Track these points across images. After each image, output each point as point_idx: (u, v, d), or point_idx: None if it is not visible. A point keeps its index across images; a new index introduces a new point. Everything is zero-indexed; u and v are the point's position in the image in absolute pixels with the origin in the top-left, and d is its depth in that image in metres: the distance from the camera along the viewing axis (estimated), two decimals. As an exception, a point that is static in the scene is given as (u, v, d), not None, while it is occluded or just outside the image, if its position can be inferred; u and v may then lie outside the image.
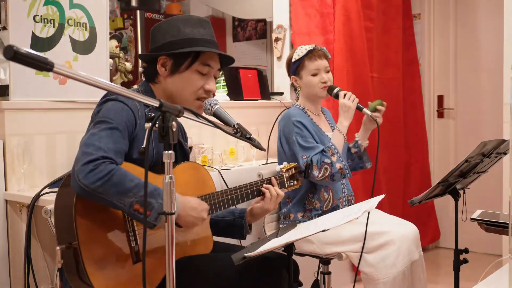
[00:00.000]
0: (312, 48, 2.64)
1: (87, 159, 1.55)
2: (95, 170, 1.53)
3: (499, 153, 2.32)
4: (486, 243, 3.91)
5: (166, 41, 1.86)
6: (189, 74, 1.86)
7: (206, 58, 1.88)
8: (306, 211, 2.59)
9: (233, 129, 1.82)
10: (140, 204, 1.55)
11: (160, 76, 1.89)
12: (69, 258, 1.60)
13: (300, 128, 2.54)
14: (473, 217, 2.17)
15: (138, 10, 5.03)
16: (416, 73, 4.59)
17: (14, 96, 2.42)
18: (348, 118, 2.55)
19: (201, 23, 1.90)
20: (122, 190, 1.54)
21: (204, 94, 1.89)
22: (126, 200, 1.55)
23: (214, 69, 1.91)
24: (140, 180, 1.58)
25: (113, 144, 1.63)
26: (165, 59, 1.86)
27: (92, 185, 1.52)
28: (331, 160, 2.46)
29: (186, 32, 1.86)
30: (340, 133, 2.54)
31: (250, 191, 1.99)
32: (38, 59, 1.09)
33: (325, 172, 2.46)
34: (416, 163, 4.50)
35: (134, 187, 1.56)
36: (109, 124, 1.67)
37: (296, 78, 2.68)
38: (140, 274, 1.65)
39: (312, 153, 2.49)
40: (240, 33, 5.46)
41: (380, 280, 2.34)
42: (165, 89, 1.89)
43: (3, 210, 2.40)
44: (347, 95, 2.56)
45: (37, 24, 2.50)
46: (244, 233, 2.07)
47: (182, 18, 1.92)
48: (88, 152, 1.57)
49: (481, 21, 4.46)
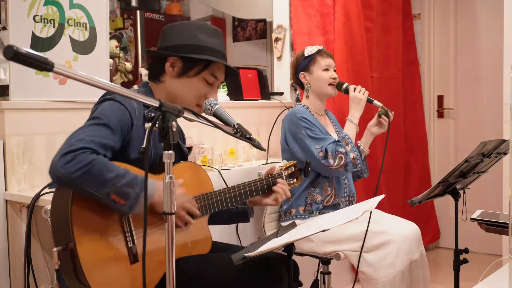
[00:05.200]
0: (322, 47, 2.76)
1: (66, 150, 1.54)
2: (74, 160, 1.52)
3: (499, 153, 2.32)
4: (486, 243, 3.91)
5: (180, 43, 1.86)
6: (196, 80, 1.87)
7: (215, 69, 1.89)
8: (307, 205, 2.62)
9: (233, 129, 1.81)
10: (117, 193, 1.55)
11: (166, 75, 1.88)
12: (66, 259, 1.60)
13: (307, 123, 2.59)
14: (473, 217, 2.17)
15: (138, 10, 5.03)
16: (416, 73, 4.60)
17: (14, 96, 2.42)
18: (360, 110, 2.64)
19: (215, 33, 1.91)
20: (101, 181, 1.54)
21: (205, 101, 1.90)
22: (104, 190, 1.54)
23: (219, 80, 1.92)
24: (120, 170, 1.58)
25: (98, 137, 1.61)
26: (176, 60, 1.86)
27: (72, 175, 1.51)
28: (346, 150, 2.52)
29: (201, 39, 1.86)
30: (353, 123, 2.62)
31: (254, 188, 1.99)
32: (38, 59, 1.09)
33: (340, 161, 2.51)
34: (416, 163, 4.50)
35: (113, 177, 1.55)
36: (99, 120, 1.66)
37: (305, 74, 2.73)
38: (137, 275, 1.64)
39: (326, 143, 2.54)
40: (240, 33, 5.46)
41: (379, 280, 2.34)
42: (168, 89, 1.89)
43: (3, 210, 2.40)
44: (357, 89, 2.65)
45: (37, 24, 2.51)
46: (248, 217, 2.10)
47: (199, 24, 1.93)
48: (69, 143, 1.56)
49: (481, 21, 4.46)
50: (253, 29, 5.36)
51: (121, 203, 1.56)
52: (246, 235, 2.84)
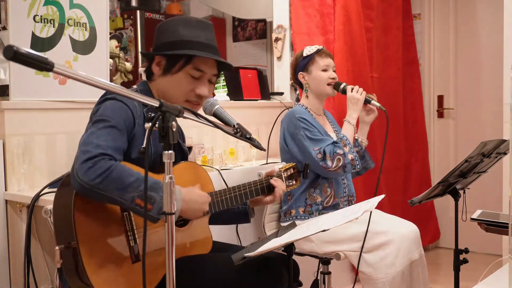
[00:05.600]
0: (321, 47, 2.75)
1: (86, 157, 1.55)
2: (94, 166, 1.53)
3: (499, 153, 2.32)
4: (486, 243, 3.91)
5: (163, 41, 1.86)
6: (180, 76, 1.85)
7: (199, 62, 1.85)
8: (307, 206, 2.62)
9: (233, 129, 1.82)
10: (141, 198, 1.55)
11: (155, 75, 1.90)
12: (68, 258, 1.60)
13: (306, 124, 2.59)
14: (473, 217, 2.17)
15: (138, 10, 5.03)
16: (416, 73, 4.59)
17: (14, 96, 2.42)
18: (357, 110, 2.63)
19: (201, 25, 1.88)
20: (122, 186, 1.54)
21: (195, 97, 1.87)
22: (127, 195, 1.54)
23: (207, 74, 1.87)
24: (140, 175, 1.58)
25: (112, 141, 1.63)
26: (160, 59, 1.87)
27: (92, 182, 1.52)
28: (344, 151, 2.51)
29: (182, 34, 1.84)
30: (350, 124, 2.61)
31: (254, 189, 2.00)
32: (38, 59, 1.09)
33: (338, 163, 2.50)
34: (416, 163, 4.50)
35: (134, 181, 1.56)
36: (107, 122, 1.67)
37: (304, 74, 2.72)
38: (138, 274, 1.65)
39: (324, 144, 2.54)
40: (240, 33, 5.46)
41: (379, 280, 2.34)
42: (158, 87, 1.90)
43: (3, 210, 2.40)
44: (355, 89, 2.64)
45: (37, 24, 2.50)
46: (249, 218, 2.11)
47: (183, 19, 1.91)
48: (86, 150, 1.57)
49: (481, 21, 4.46)
50: (253, 29, 5.36)
51: (148, 208, 1.55)
52: (246, 235, 2.84)
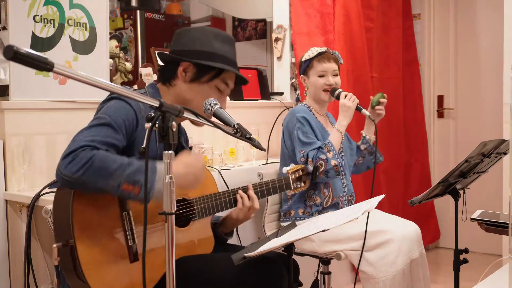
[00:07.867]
0: (323, 50, 2.69)
1: (66, 152, 1.55)
2: (74, 160, 1.52)
3: (499, 153, 2.32)
4: (486, 243, 3.91)
5: (194, 48, 1.85)
6: (208, 87, 1.86)
7: (227, 77, 1.89)
8: (306, 207, 2.61)
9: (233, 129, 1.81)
10: (129, 182, 1.53)
11: (178, 80, 1.87)
12: (66, 256, 1.60)
13: (303, 124, 2.58)
14: (473, 217, 2.17)
15: (138, 10, 5.02)
16: (416, 73, 4.60)
17: (14, 96, 2.42)
18: (347, 118, 2.59)
19: (228, 41, 1.91)
20: (106, 174, 1.53)
21: None
22: (112, 182, 1.53)
23: (229, 88, 1.92)
24: (124, 159, 1.56)
25: (100, 136, 1.61)
26: (189, 66, 1.85)
27: (74, 175, 1.51)
28: (327, 157, 2.48)
29: (215, 47, 1.86)
30: (338, 132, 2.57)
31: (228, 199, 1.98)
32: (38, 59, 1.09)
33: (320, 168, 2.48)
34: (416, 163, 4.50)
35: (118, 168, 1.54)
36: (101, 120, 1.66)
37: (305, 78, 2.73)
38: (137, 273, 1.65)
39: (309, 148, 2.52)
40: (240, 33, 5.46)
41: (379, 279, 2.34)
42: (178, 92, 1.88)
43: (3, 210, 2.40)
44: (347, 96, 2.60)
45: (37, 24, 2.50)
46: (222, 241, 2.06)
47: (214, 31, 1.92)
48: (69, 146, 1.57)
49: (481, 21, 4.46)
50: (253, 29, 5.36)
51: (136, 192, 1.54)
52: (246, 235, 2.84)
